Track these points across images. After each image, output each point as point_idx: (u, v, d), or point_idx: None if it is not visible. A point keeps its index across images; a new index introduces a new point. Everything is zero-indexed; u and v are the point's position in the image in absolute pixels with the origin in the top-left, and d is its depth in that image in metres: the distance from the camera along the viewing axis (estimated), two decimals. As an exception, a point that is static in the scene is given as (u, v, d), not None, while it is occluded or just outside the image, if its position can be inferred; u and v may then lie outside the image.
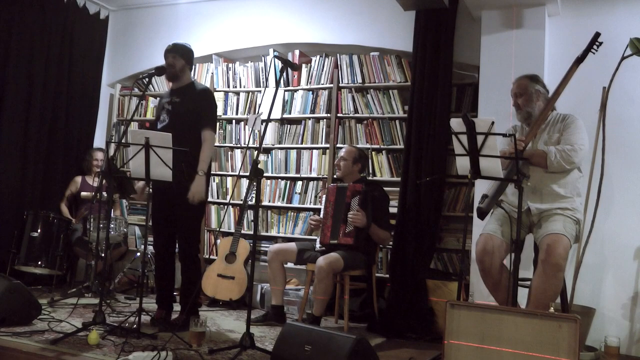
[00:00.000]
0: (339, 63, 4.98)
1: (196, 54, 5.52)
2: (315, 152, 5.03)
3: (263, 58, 5.37)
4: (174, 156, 3.29)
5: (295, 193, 5.07)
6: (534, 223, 3.22)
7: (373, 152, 4.77)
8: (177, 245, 3.80)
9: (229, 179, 5.40)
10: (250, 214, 5.16)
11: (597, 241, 3.80)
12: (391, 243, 4.39)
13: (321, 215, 4.17)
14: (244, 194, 5.16)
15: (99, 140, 5.85)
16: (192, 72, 5.64)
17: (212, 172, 4.26)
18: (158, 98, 4.08)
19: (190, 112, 3.69)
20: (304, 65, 5.16)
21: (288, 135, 5.19)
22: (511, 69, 3.69)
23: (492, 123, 2.76)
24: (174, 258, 3.84)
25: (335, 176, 4.45)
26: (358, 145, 4.70)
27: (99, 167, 5.15)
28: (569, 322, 2.33)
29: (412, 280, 4.21)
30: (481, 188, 3.64)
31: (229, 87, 5.51)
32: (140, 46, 5.90)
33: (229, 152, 5.40)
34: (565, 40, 4.06)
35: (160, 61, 5.54)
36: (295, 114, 5.16)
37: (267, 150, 5.23)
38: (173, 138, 3.30)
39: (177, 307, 3.87)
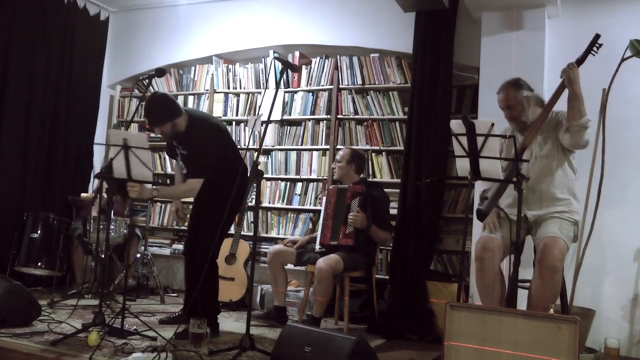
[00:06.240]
0: (339, 64, 4.99)
1: (196, 55, 5.61)
2: (315, 153, 5.03)
3: (263, 59, 5.38)
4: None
5: (295, 194, 5.07)
6: (532, 227, 3.22)
7: (373, 154, 4.78)
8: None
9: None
10: (250, 215, 5.16)
11: (597, 242, 3.79)
12: (391, 244, 4.39)
13: (321, 217, 4.17)
14: (244, 195, 5.15)
15: (99, 141, 5.84)
16: (192, 75, 5.67)
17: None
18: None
19: (195, 161, 3.49)
20: (304, 67, 5.16)
21: (288, 137, 5.19)
22: (511, 70, 3.68)
23: (492, 124, 2.77)
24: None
25: (334, 178, 4.45)
26: (357, 147, 4.71)
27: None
28: (568, 324, 2.32)
29: (412, 282, 4.20)
30: (481, 190, 3.64)
31: (229, 88, 5.51)
32: (140, 47, 5.90)
33: (229, 154, 5.39)
34: (565, 41, 4.06)
35: (160, 62, 5.62)
36: (295, 115, 5.17)
37: (267, 152, 5.23)
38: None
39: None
